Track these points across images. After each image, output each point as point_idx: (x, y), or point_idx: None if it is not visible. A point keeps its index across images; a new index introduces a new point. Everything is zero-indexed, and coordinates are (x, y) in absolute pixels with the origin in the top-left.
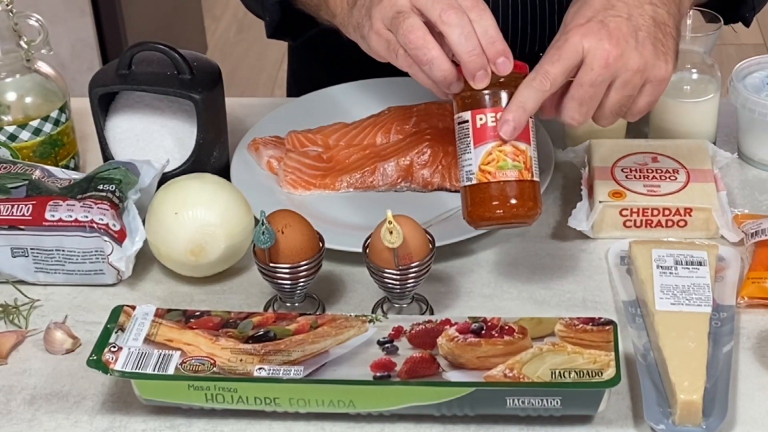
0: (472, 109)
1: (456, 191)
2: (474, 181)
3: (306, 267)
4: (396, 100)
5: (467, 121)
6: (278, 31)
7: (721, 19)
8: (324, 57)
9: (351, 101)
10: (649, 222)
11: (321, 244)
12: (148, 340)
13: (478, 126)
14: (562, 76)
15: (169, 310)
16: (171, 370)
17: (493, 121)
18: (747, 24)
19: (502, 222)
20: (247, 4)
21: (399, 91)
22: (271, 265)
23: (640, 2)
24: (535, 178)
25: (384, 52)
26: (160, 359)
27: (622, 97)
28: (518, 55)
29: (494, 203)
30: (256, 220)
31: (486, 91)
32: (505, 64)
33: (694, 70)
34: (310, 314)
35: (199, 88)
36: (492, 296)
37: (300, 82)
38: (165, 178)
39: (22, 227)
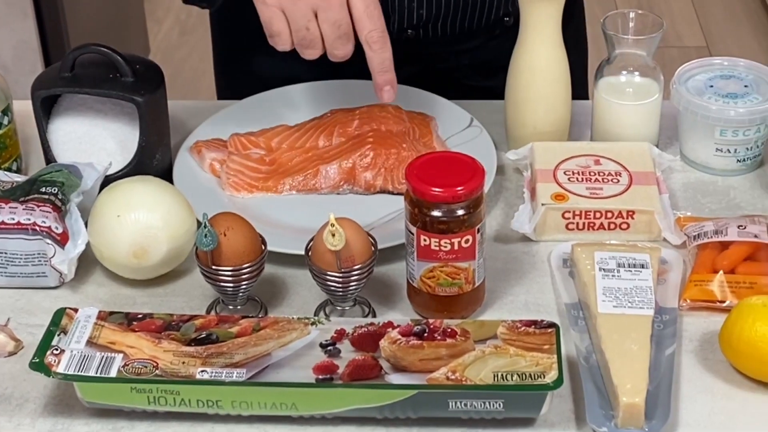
0: (417, 228)
1: (399, 194)
2: (415, 284)
3: (248, 270)
4: (339, 102)
5: (413, 234)
6: None
7: (664, 22)
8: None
9: (294, 104)
10: (591, 224)
11: (263, 247)
12: (90, 342)
13: (422, 245)
14: None
15: (112, 313)
16: (113, 373)
17: (436, 246)
18: None
19: None
20: None
21: (342, 94)
22: (214, 267)
23: None
24: (478, 283)
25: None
26: (103, 362)
27: None
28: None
29: (431, 309)
30: (199, 223)
31: (434, 217)
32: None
33: (636, 73)
34: (252, 317)
35: (141, 90)
36: None
37: (225, 58)
38: (107, 180)
39: None
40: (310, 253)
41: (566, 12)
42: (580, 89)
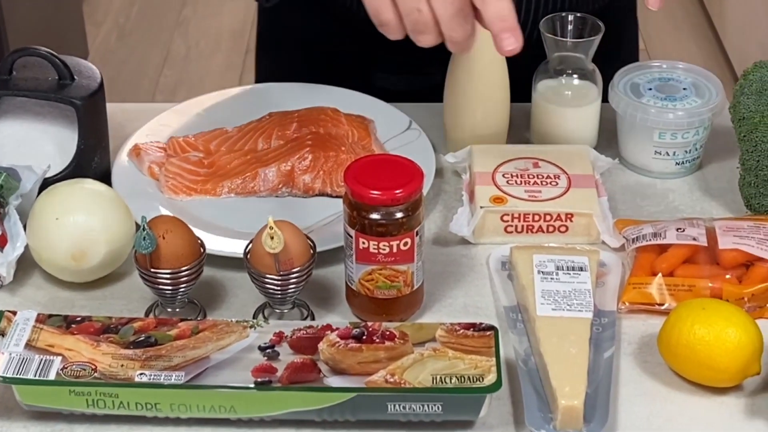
0: (356, 231)
1: (337, 197)
2: (354, 287)
3: (187, 272)
4: (277, 105)
5: (351, 237)
6: None
7: (602, 25)
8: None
9: (232, 107)
10: (530, 227)
11: (202, 250)
12: (29, 345)
13: (361, 248)
14: None
15: (50, 316)
16: (52, 376)
17: (374, 249)
18: None
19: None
20: None
21: (280, 97)
22: (152, 270)
23: None
24: (416, 286)
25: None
26: (41, 365)
27: None
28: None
29: (370, 312)
30: (138, 226)
31: (373, 220)
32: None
33: (575, 76)
34: (191, 320)
35: (80, 93)
36: None
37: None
38: (46, 183)
39: None
40: (248, 256)
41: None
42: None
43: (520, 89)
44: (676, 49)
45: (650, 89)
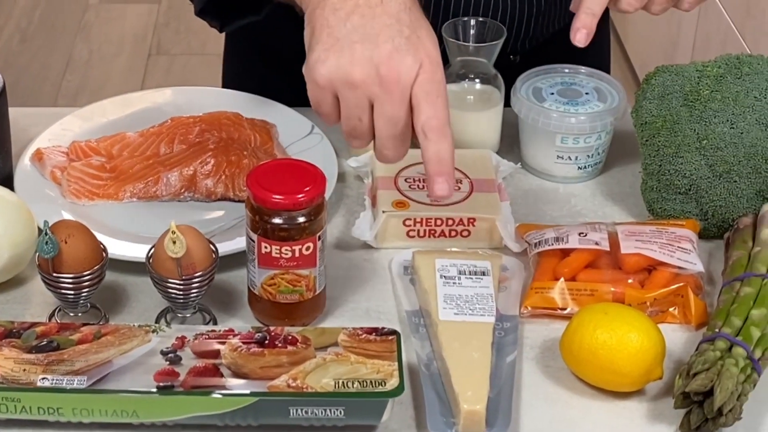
0: (258, 235)
1: (240, 201)
2: (256, 292)
3: (89, 277)
4: (180, 109)
5: (254, 241)
6: (209, 10)
7: (504, 30)
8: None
9: (135, 111)
10: (432, 232)
11: (104, 254)
12: None
13: (263, 252)
14: None
15: None
16: None
17: (277, 253)
18: None
19: None
20: None
21: (183, 101)
22: (55, 275)
23: None
24: (319, 290)
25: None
26: None
27: None
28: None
29: (272, 317)
30: (40, 230)
31: (275, 224)
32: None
33: (477, 80)
34: (93, 324)
35: None
36: None
37: (237, 75)
38: None
39: None
40: (151, 261)
41: None
42: None
43: None
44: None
45: (552, 94)
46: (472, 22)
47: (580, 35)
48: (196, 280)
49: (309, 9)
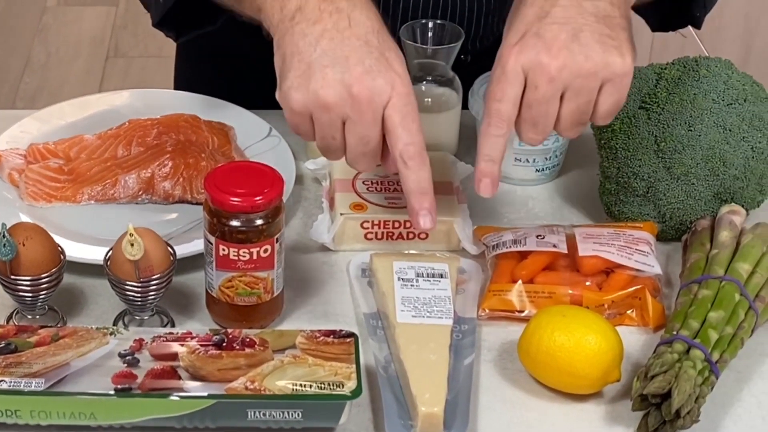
0: (216, 237)
1: (198, 203)
2: (214, 294)
3: (47, 279)
4: (137, 112)
5: (211, 244)
6: (166, 21)
7: (462, 32)
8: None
9: (93, 113)
10: (390, 234)
11: (62, 257)
12: None
13: (221, 255)
14: (514, 108)
15: None
16: None
17: (234, 256)
18: (698, 25)
19: None
20: None
21: (141, 104)
22: (12, 277)
23: (578, 1)
24: (276, 293)
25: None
26: None
27: (578, 105)
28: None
29: (230, 319)
30: None
31: (233, 227)
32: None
33: (435, 83)
34: (51, 326)
35: None
36: None
37: (188, 79)
38: None
39: None
40: (108, 263)
41: None
42: None
43: None
44: None
45: None
46: (430, 24)
47: (484, 186)
48: (154, 282)
49: (278, 35)
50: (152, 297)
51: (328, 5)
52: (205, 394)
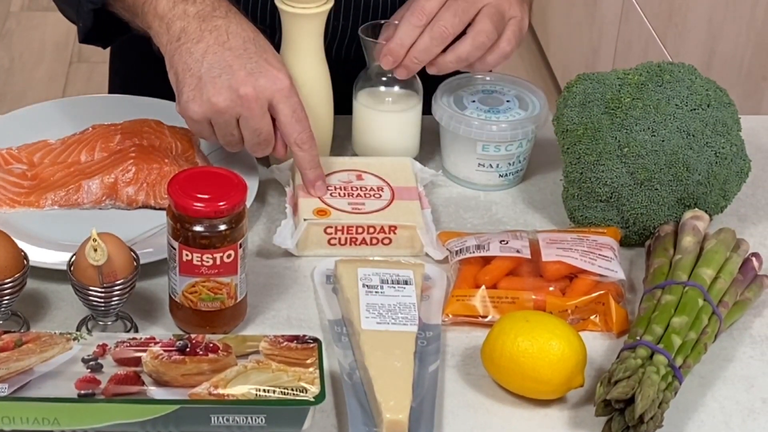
0: (179, 243)
1: (161, 209)
2: (177, 299)
3: (10, 285)
4: (101, 117)
5: (175, 249)
6: (90, 37)
7: None
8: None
9: (56, 119)
10: (353, 240)
11: (26, 262)
12: None
13: (184, 260)
14: (438, 5)
15: None
16: None
17: (198, 261)
18: None
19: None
20: (61, 9)
21: (104, 109)
22: None
23: None
24: (240, 298)
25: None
26: None
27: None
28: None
29: (193, 324)
30: None
31: (196, 232)
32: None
33: (396, 84)
34: (14, 332)
35: None
36: None
37: (124, 83)
38: None
39: None
40: (72, 268)
41: None
42: None
43: (345, 101)
44: None
45: (473, 101)
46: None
47: (386, 61)
48: (117, 287)
49: (167, 54)
50: (116, 302)
51: (207, 24)
52: (169, 399)
